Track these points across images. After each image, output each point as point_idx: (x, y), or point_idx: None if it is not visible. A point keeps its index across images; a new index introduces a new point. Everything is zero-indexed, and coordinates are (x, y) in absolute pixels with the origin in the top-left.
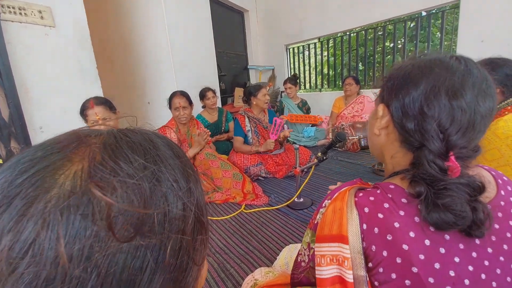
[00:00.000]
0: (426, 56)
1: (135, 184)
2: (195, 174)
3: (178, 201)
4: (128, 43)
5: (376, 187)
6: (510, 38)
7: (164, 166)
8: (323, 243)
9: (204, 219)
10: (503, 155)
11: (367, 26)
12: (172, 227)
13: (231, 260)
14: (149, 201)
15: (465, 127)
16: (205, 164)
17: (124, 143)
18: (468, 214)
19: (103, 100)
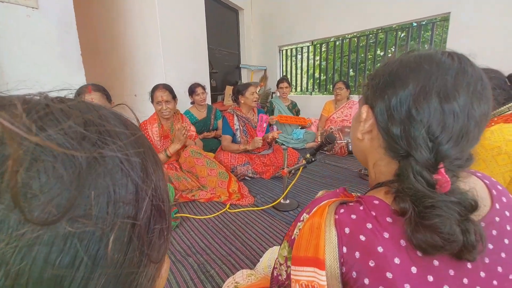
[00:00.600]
0: (415, 52)
1: (67, 156)
2: (155, 155)
3: (129, 182)
4: (117, 34)
5: (359, 201)
6: (497, 53)
7: (112, 140)
8: (298, 267)
9: (164, 207)
10: (488, 166)
11: (360, 33)
12: (118, 211)
13: (212, 261)
14: (86, 179)
15: (458, 135)
16: (190, 162)
17: (57, 109)
18: (458, 237)
19: (102, 88)
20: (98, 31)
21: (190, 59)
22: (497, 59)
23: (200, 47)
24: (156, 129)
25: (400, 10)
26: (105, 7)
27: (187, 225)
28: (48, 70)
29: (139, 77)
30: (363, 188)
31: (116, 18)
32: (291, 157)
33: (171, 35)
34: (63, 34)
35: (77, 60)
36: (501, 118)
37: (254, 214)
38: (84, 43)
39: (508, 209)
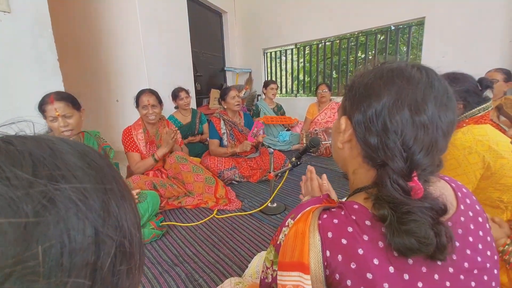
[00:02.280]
0: (387, 65)
1: (11, 209)
2: (121, 187)
3: (87, 225)
4: (97, 37)
5: (341, 207)
6: (468, 55)
7: (65, 180)
8: (284, 272)
9: (132, 245)
10: (461, 164)
11: (341, 36)
12: (74, 261)
13: (200, 269)
14: (33, 231)
15: (428, 145)
16: (176, 168)
17: (3, 153)
18: (432, 240)
19: (65, 95)
20: (78, 34)
21: (173, 63)
22: (468, 61)
23: (183, 50)
24: (142, 135)
25: (379, 14)
26: (85, 10)
27: (173, 233)
28: (22, 75)
29: (120, 82)
30: (347, 188)
31: (96, 22)
32: (278, 160)
33: (154, 38)
34: (38, 38)
35: (53, 65)
36: (472, 120)
37: (241, 219)
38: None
39: (472, 210)
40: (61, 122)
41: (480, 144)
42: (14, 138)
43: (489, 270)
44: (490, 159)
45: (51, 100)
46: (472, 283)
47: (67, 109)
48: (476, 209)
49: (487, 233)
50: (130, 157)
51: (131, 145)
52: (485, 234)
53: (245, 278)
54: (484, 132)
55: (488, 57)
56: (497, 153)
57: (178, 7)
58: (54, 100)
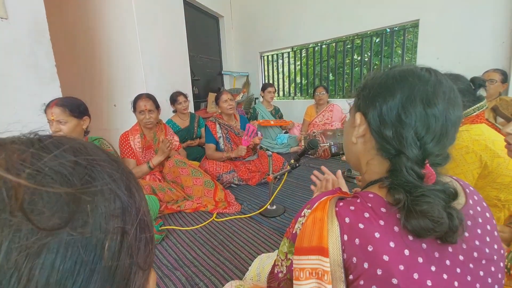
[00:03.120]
0: (397, 68)
1: (63, 179)
2: (136, 180)
3: (116, 198)
4: (95, 43)
5: (356, 196)
6: (461, 56)
7: (99, 165)
8: (302, 256)
9: (147, 219)
10: (458, 164)
11: (337, 39)
12: (109, 223)
13: (201, 273)
14: (81, 197)
15: (439, 135)
16: (175, 171)
17: (49, 142)
18: (445, 220)
19: (67, 102)
20: (76, 40)
21: (171, 67)
22: (462, 62)
23: (181, 54)
24: (139, 140)
25: (374, 17)
26: (83, 15)
27: (173, 237)
28: (20, 81)
29: (118, 87)
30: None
31: (93, 27)
32: (276, 162)
33: (151, 43)
34: (35, 44)
35: (50, 71)
36: (468, 120)
37: (241, 222)
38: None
39: (479, 205)
40: (53, 127)
41: (477, 144)
42: (52, 136)
43: (496, 262)
44: (487, 158)
45: (52, 104)
46: (480, 272)
47: (62, 115)
48: (483, 205)
49: (494, 228)
50: (125, 163)
51: (127, 151)
52: (492, 228)
53: (246, 281)
54: (480, 132)
55: (481, 58)
56: (494, 152)
57: (175, 12)
58: (55, 104)
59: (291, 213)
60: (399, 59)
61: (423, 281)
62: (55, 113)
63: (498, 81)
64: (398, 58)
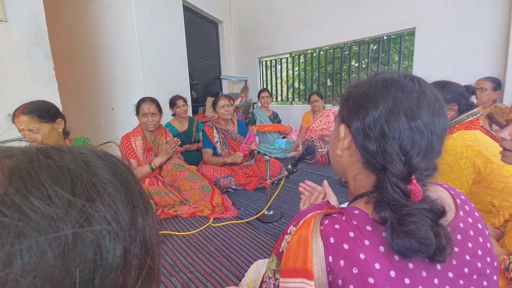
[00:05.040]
0: (380, 75)
1: (51, 229)
2: (145, 201)
3: (117, 245)
4: (94, 46)
5: (342, 212)
6: (457, 64)
7: (100, 198)
8: (287, 278)
9: (154, 264)
10: (453, 169)
11: (335, 45)
12: (104, 283)
13: (196, 279)
14: (72, 252)
15: (425, 149)
16: (173, 174)
17: (44, 169)
18: (432, 241)
19: (33, 108)
20: (74, 43)
21: (170, 71)
22: (458, 70)
23: (180, 59)
24: (140, 142)
25: (371, 24)
26: (81, 18)
27: (169, 242)
28: (18, 83)
29: (116, 90)
30: (343, 195)
31: (93, 30)
32: (274, 167)
33: (150, 47)
34: (34, 47)
35: (49, 73)
36: (462, 125)
37: (238, 227)
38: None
39: (471, 216)
40: (26, 137)
41: (471, 150)
42: (52, 151)
43: (489, 276)
44: (481, 164)
45: (18, 112)
46: None
47: (31, 123)
48: (475, 216)
49: (486, 239)
50: None
51: (128, 151)
52: (484, 240)
53: (242, 287)
54: (474, 138)
55: (476, 66)
56: (487, 158)
57: (174, 16)
58: (21, 113)
59: (288, 219)
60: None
61: None
62: (23, 121)
63: (489, 89)
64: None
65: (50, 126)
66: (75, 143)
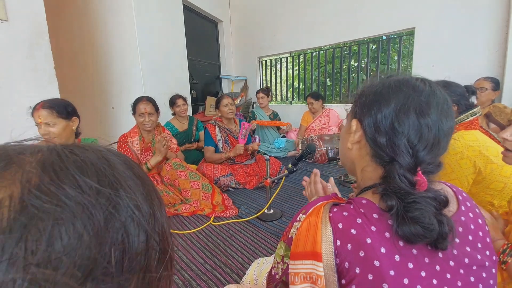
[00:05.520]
0: (394, 77)
1: (85, 214)
2: (158, 196)
3: (141, 231)
4: (94, 45)
5: (350, 202)
6: (456, 64)
7: (123, 189)
8: (297, 261)
9: (170, 250)
10: (453, 170)
11: (335, 45)
12: (133, 265)
13: (198, 277)
14: (104, 235)
15: (431, 144)
16: (173, 174)
17: (71, 162)
18: (436, 227)
19: (54, 103)
20: (74, 42)
21: (169, 71)
22: (457, 70)
23: (179, 58)
24: (137, 142)
25: (370, 24)
26: (82, 18)
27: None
28: (19, 82)
29: (116, 89)
30: (343, 194)
31: (93, 29)
32: (274, 166)
33: (150, 47)
34: (35, 46)
35: (49, 73)
36: (462, 125)
37: (238, 225)
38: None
39: (472, 212)
40: (41, 130)
41: (471, 150)
42: (75, 148)
43: (488, 268)
44: (481, 164)
45: (39, 106)
46: (471, 278)
47: (49, 117)
48: (476, 212)
49: (486, 234)
50: None
51: (125, 152)
52: (484, 235)
53: (243, 285)
54: (474, 138)
55: (475, 66)
56: (487, 158)
57: (174, 16)
58: (41, 107)
59: (288, 218)
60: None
61: (413, 286)
62: (42, 115)
63: (489, 89)
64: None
65: (65, 123)
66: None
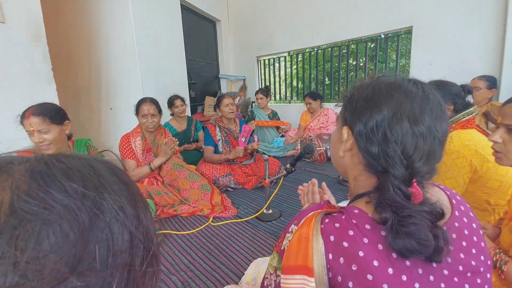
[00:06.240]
0: (384, 78)
1: (71, 215)
2: (143, 200)
3: (125, 231)
4: (92, 46)
5: (342, 212)
6: (453, 62)
7: (107, 192)
8: (288, 275)
9: (155, 249)
10: (449, 169)
11: (333, 44)
12: (117, 261)
13: (197, 278)
14: (89, 234)
15: (427, 154)
16: (172, 174)
17: (58, 169)
18: (431, 242)
19: (45, 109)
20: (72, 43)
21: (168, 71)
22: (454, 68)
23: (178, 58)
24: (140, 142)
25: (368, 23)
26: (80, 19)
27: (169, 241)
28: (16, 85)
29: (115, 90)
30: (342, 193)
31: (90, 30)
32: (273, 166)
33: (148, 46)
34: (32, 48)
35: (47, 74)
36: (458, 125)
37: (237, 226)
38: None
39: (466, 216)
40: (36, 138)
41: (467, 149)
42: (61, 157)
43: (483, 274)
44: (477, 163)
45: (28, 114)
46: (466, 286)
47: (42, 124)
48: (470, 216)
49: (480, 239)
50: (126, 164)
51: (128, 152)
52: (479, 239)
53: (241, 285)
54: (470, 137)
55: (473, 64)
56: (483, 157)
57: (172, 15)
58: (31, 114)
59: (287, 217)
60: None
61: None
62: (34, 123)
63: (483, 88)
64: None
65: (59, 128)
66: (78, 144)
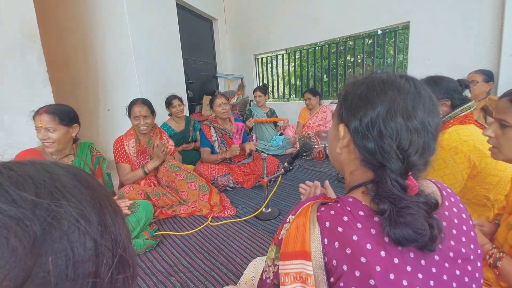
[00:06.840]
0: (376, 75)
1: (20, 227)
2: (112, 204)
3: (87, 239)
4: (88, 47)
5: (337, 201)
6: (451, 57)
7: (65, 199)
8: (287, 261)
9: (127, 255)
10: (448, 165)
11: (330, 41)
12: (78, 272)
13: (195, 278)
14: (42, 246)
15: (422, 148)
16: (169, 176)
17: (6, 178)
18: (427, 231)
19: (57, 110)
20: (67, 44)
21: (165, 71)
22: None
23: (175, 58)
24: (133, 145)
25: (365, 20)
26: (75, 20)
27: (168, 242)
28: (12, 87)
29: (111, 91)
30: (340, 191)
31: (85, 31)
32: (271, 165)
33: (144, 46)
34: (26, 49)
35: (43, 76)
36: (456, 120)
37: (236, 225)
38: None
39: (455, 207)
40: (41, 135)
41: (466, 144)
42: (13, 164)
43: (473, 261)
44: (475, 159)
45: (42, 111)
46: (456, 271)
47: (50, 123)
48: (460, 207)
49: (470, 228)
50: (120, 168)
51: (121, 155)
52: (468, 229)
53: (240, 285)
54: (469, 132)
55: (471, 58)
56: (482, 152)
57: (168, 15)
58: (44, 112)
59: None
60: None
61: (399, 281)
62: (44, 120)
63: (480, 81)
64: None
65: (65, 130)
66: (81, 147)
